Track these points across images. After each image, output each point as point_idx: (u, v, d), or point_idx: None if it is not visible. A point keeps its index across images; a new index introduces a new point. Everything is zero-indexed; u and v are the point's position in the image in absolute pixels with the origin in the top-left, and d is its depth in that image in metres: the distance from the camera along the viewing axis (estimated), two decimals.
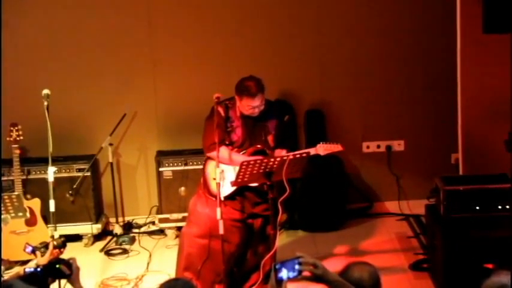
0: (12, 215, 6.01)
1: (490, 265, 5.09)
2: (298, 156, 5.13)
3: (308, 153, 5.22)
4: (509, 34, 5.52)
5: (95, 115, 6.85)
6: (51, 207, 5.79)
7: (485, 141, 6.12)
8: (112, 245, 6.57)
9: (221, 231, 5.04)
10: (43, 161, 6.15)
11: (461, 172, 6.30)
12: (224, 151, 5.24)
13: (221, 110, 5.30)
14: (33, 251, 4.12)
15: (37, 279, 3.51)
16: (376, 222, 6.87)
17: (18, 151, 6.21)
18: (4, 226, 6.03)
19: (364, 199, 7.07)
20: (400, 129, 7.02)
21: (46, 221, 6.15)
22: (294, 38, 6.85)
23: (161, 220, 6.69)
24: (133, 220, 6.93)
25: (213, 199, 5.23)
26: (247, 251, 5.47)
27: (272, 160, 5.06)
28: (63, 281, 3.69)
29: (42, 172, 6.39)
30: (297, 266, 3.10)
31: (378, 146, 7.06)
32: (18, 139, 6.21)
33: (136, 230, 6.81)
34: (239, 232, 5.37)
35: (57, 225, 5.88)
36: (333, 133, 6.87)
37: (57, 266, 3.58)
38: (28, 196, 6.29)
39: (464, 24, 6.04)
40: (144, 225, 6.88)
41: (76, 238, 6.59)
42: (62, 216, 6.27)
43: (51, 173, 5.85)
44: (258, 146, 5.34)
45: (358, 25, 6.84)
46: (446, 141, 6.83)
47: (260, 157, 5.17)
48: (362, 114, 6.99)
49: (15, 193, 6.12)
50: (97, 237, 6.65)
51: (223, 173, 5.14)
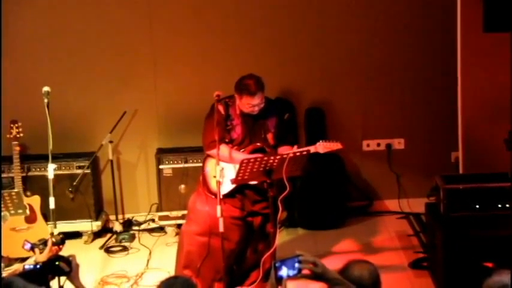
0: (12, 212, 6.02)
1: (490, 264, 5.09)
2: (298, 154, 5.13)
3: (308, 151, 5.21)
4: (509, 33, 5.51)
5: (95, 112, 6.84)
6: (51, 204, 5.78)
7: (485, 140, 6.12)
8: (112, 243, 6.57)
9: (221, 229, 5.04)
10: (43, 158, 6.15)
11: (461, 171, 6.29)
12: (224, 149, 5.24)
13: (221, 108, 5.30)
14: (32, 248, 4.12)
15: (37, 276, 3.51)
16: (376, 220, 6.87)
17: (18, 148, 6.22)
18: (3, 223, 6.03)
19: (364, 197, 7.06)
20: (400, 127, 7.01)
21: (46, 218, 6.15)
22: (295, 36, 6.84)
23: (161, 218, 6.69)
24: (133, 217, 6.93)
25: (213, 197, 5.23)
26: (246, 249, 5.47)
27: (272, 158, 5.06)
28: (62, 278, 3.68)
29: (42, 169, 6.39)
30: (297, 264, 3.10)
31: (378, 144, 7.06)
32: (18, 136, 6.22)
33: (136, 228, 6.81)
34: (239, 230, 5.37)
35: (57, 222, 5.87)
36: (333, 131, 6.87)
37: (56, 263, 3.58)
38: (28, 193, 6.29)
39: (464, 23, 6.03)
40: (144, 222, 6.88)
41: (76, 235, 6.59)
42: (62, 213, 6.26)
43: (51, 170, 5.84)
44: (258, 144, 5.33)
45: (358, 23, 6.84)
46: (446, 139, 6.83)
47: (260, 155, 5.17)
48: (362, 112, 6.98)
49: (15, 190, 6.13)
50: (97, 234, 6.65)
51: (223, 171, 5.14)
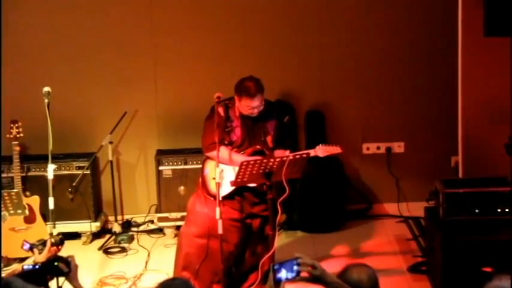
0: (11, 212, 6.02)
1: (489, 269, 5.09)
2: (298, 157, 5.13)
3: (308, 154, 5.22)
4: (510, 38, 5.51)
5: (96, 113, 6.84)
6: (50, 204, 5.78)
7: (485, 144, 6.11)
8: (111, 243, 6.56)
9: (220, 231, 5.04)
10: (43, 159, 6.15)
11: (461, 175, 6.29)
12: (224, 151, 5.23)
13: (221, 110, 5.30)
14: (30, 248, 4.12)
15: (35, 276, 3.51)
16: (375, 223, 6.87)
17: (18, 148, 6.22)
18: (2, 223, 6.03)
19: (363, 200, 7.06)
20: (400, 131, 7.01)
21: (45, 219, 6.14)
22: (295, 39, 6.84)
23: (160, 219, 6.68)
24: (132, 219, 6.92)
25: (212, 199, 5.23)
26: (245, 251, 5.47)
27: (272, 160, 5.06)
28: (61, 279, 3.67)
29: (41, 169, 6.39)
30: (296, 267, 3.10)
31: (378, 148, 7.05)
32: (18, 136, 6.22)
33: (135, 229, 6.80)
34: (238, 232, 5.37)
35: (56, 222, 5.87)
36: (333, 134, 6.87)
37: (55, 264, 3.58)
38: (27, 193, 6.29)
39: (465, 26, 6.04)
40: (143, 223, 6.87)
41: (75, 236, 6.58)
42: (61, 213, 6.26)
43: (50, 171, 5.84)
44: (257, 147, 5.33)
45: (359, 27, 6.84)
46: (446, 143, 6.83)
47: (260, 157, 5.17)
48: (362, 115, 6.98)
49: (14, 190, 6.13)
50: (96, 235, 6.64)
51: (222, 173, 5.14)
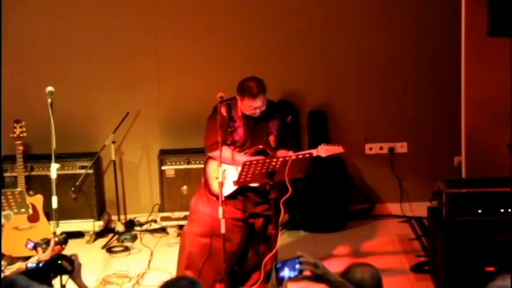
0: (15, 211, 6.02)
1: (492, 268, 5.09)
2: (300, 156, 5.13)
3: (310, 154, 5.22)
4: (510, 38, 5.51)
5: (99, 113, 6.85)
6: (53, 203, 5.77)
7: (488, 144, 6.11)
8: (114, 243, 6.57)
9: (223, 230, 5.04)
10: (46, 158, 6.13)
11: (464, 175, 6.29)
12: (226, 151, 5.24)
13: (224, 110, 5.30)
14: (34, 247, 4.13)
15: (39, 274, 3.52)
16: (378, 223, 6.87)
17: (21, 147, 6.23)
18: (6, 222, 6.04)
19: (366, 200, 7.06)
20: (403, 131, 7.01)
21: (48, 218, 6.16)
22: (298, 39, 6.85)
23: (163, 218, 6.69)
24: (135, 218, 6.93)
25: (214, 198, 5.23)
26: (248, 251, 5.47)
27: (275, 160, 5.06)
28: (65, 277, 3.68)
29: (45, 169, 6.39)
30: (298, 266, 3.10)
31: (381, 148, 7.06)
32: (21, 136, 6.23)
33: (138, 228, 6.81)
34: (240, 231, 5.37)
35: (59, 221, 5.88)
36: (336, 134, 6.87)
37: (59, 262, 3.59)
38: (31, 192, 6.30)
39: (468, 26, 6.03)
40: (146, 223, 6.88)
41: (78, 235, 6.60)
42: (64, 213, 6.27)
43: (54, 170, 5.83)
44: (260, 147, 5.33)
45: (362, 27, 6.84)
46: (449, 143, 6.83)
47: (263, 157, 5.17)
48: (365, 115, 6.98)
49: (18, 189, 6.12)
50: (99, 234, 6.65)
51: (225, 173, 5.14)
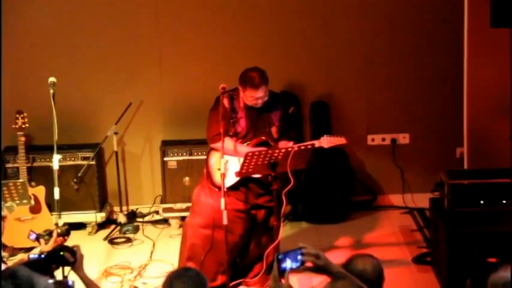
0: (17, 202, 6.03)
1: (494, 259, 5.09)
2: (303, 147, 5.13)
3: (312, 145, 5.22)
4: (509, 29, 5.49)
5: (101, 104, 6.85)
6: (55, 195, 5.79)
7: (490, 135, 6.11)
8: (116, 234, 6.57)
9: (225, 221, 5.05)
10: (48, 149, 6.15)
11: (466, 166, 6.29)
12: (229, 142, 5.23)
13: (226, 101, 5.29)
14: (37, 239, 4.13)
15: (41, 266, 3.52)
16: (380, 215, 6.87)
17: (23, 138, 6.23)
18: (9, 214, 6.05)
19: (368, 192, 7.06)
20: (406, 122, 7.00)
21: (50, 209, 6.16)
22: (300, 30, 6.83)
23: (165, 210, 6.70)
24: (137, 209, 6.93)
25: (216, 190, 5.23)
26: (250, 242, 5.48)
27: (277, 151, 5.06)
28: (67, 269, 3.69)
29: (47, 160, 6.40)
30: (300, 257, 3.10)
31: (383, 139, 7.05)
32: (23, 126, 6.22)
33: (140, 219, 6.81)
34: (242, 223, 5.37)
35: (61, 213, 5.89)
36: (338, 125, 6.87)
37: (61, 254, 3.59)
38: (33, 183, 6.31)
39: (471, 17, 6.02)
40: (148, 214, 6.88)
41: (80, 226, 6.60)
42: (66, 204, 6.27)
43: (56, 161, 5.85)
44: (262, 138, 5.33)
45: (364, 18, 6.82)
46: (451, 135, 6.82)
47: (265, 148, 5.17)
48: (367, 106, 6.98)
49: (20, 180, 6.13)
50: (101, 225, 6.66)
51: (227, 164, 5.14)
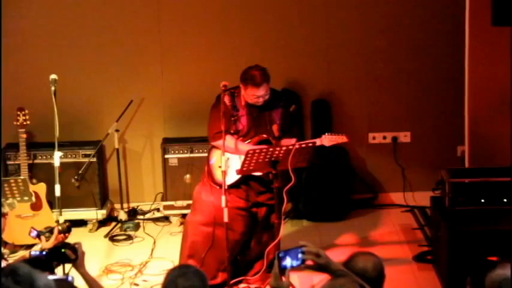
0: (18, 199, 6.04)
1: (494, 258, 5.09)
2: (304, 145, 5.13)
3: (314, 143, 5.22)
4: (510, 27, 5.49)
5: (102, 101, 6.85)
6: (56, 192, 5.79)
7: (491, 134, 6.11)
8: (117, 231, 6.58)
9: (226, 219, 5.05)
10: (49, 146, 6.16)
11: (467, 165, 6.29)
12: (230, 140, 5.24)
13: (227, 99, 5.30)
14: (38, 236, 4.13)
15: (42, 263, 3.52)
16: (380, 213, 6.87)
17: (24, 135, 6.24)
18: (11, 211, 6.06)
19: (369, 190, 7.06)
20: (407, 120, 7.00)
21: (51, 206, 6.17)
22: (302, 28, 6.83)
23: (166, 207, 6.70)
24: (138, 206, 6.94)
25: (217, 187, 5.23)
26: (251, 240, 5.48)
27: (278, 149, 5.06)
28: (67, 266, 3.69)
29: (48, 157, 6.40)
30: (300, 255, 3.10)
31: (384, 137, 7.05)
32: (25, 123, 6.23)
33: (141, 217, 6.82)
34: (243, 220, 5.38)
35: (62, 210, 5.89)
36: (339, 123, 6.87)
37: (62, 251, 3.59)
38: (34, 180, 6.31)
39: (472, 16, 6.02)
40: (149, 211, 6.89)
41: (81, 223, 6.61)
42: (67, 201, 6.27)
43: (57, 158, 5.85)
44: (264, 136, 5.33)
45: (365, 15, 6.82)
46: (452, 133, 6.82)
47: (266, 146, 5.17)
48: (368, 105, 6.97)
49: (21, 177, 6.14)
50: (102, 222, 6.66)
51: (228, 161, 5.14)
